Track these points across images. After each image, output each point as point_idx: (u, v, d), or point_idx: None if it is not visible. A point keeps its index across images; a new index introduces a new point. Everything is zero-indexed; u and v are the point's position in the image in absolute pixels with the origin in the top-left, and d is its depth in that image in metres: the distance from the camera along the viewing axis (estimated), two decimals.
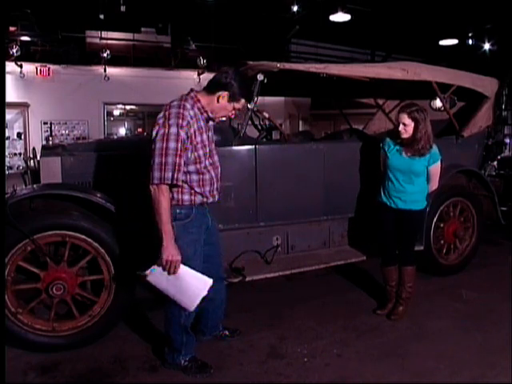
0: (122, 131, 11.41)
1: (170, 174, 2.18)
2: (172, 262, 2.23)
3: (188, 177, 2.34)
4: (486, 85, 4.43)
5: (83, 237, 2.77)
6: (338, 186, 3.72)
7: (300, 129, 12.25)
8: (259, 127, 4.05)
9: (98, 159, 3.29)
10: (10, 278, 2.69)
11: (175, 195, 2.33)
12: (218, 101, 2.34)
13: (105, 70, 9.86)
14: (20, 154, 9.16)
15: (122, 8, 9.92)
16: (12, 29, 9.41)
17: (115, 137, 10.17)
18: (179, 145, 2.19)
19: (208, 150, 2.40)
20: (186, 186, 2.34)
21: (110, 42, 10.50)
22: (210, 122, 2.48)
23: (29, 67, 9.38)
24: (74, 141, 9.06)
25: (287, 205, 3.56)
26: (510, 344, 2.89)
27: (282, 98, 10.09)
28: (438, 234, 4.09)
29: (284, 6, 10.66)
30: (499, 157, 5.68)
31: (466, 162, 4.30)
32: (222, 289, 2.79)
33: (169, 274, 2.26)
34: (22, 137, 9.45)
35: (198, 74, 10.42)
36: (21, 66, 9.18)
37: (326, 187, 3.67)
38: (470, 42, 11.96)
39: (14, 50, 8.70)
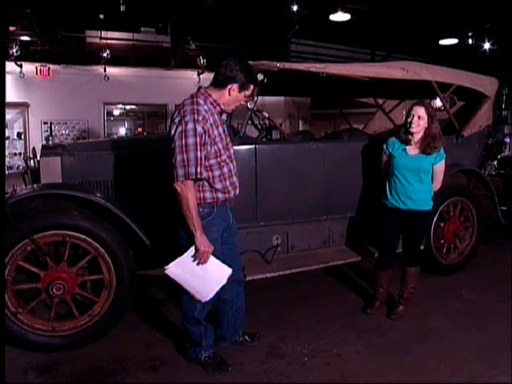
0: (122, 131, 11.39)
1: (193, 169, 2.23)
2: (206, 253, 2.34)
3: (210, 173, 2.37)
4: (486, 84, 4.43)
5: (83, 237, 2.77)
6: (337, 185, 3.72)
7: (300, 128, 12.24)
8: (259, 127, 4.05)
9: (97, 159, 3.29)
10: (10, 277, 2.69)
11: (197, 194, 2.36)
12: (229, 94, 2.39)
13: (105, 70, 9.84)
14: (20, 153, 9.13)
15: (122, 8, 9.89)
16: (12, 28, 9.37)
17: (115, 137, 10.16)
18: (198, 139, 2.23)
19: (225, 143, 2.45)
20: (206, 183, 2.39)
21: (109, 41, 10.46)
22: (223, 116, 2.52)
23: (29, 67, 9.35)
24: (73, 140, 9.07)
25: (287, 204, 3.55)
26: (511, 343, 2.89)
27: (281, 98, 10.07)
28: (438, 234, 4.09)
29: (284, 5, 10.64)
30: (499, 156, 5.68)
31: (466, 161, 4.30)
32: (241, 292, 2.77)
33: (199, 264, 2.36)
34: (22, 137, 9.42)
35: (198, 74, 10.40)
36: (21, 66, 9.16)
37: (326, 187, 3.67)
38: (470, 41, 11.93)
39: (14, 50, 8.67)
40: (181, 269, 2.40)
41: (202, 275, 2.41)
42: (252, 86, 2.45)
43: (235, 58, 2.43)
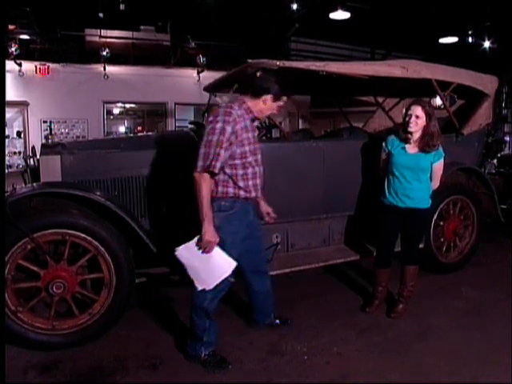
0: (122, 129, 11.40)
1: (210, 163, 2.43)
2: (211, 243, 2.46)
3: (234, 171, 2.55)
4: (486, 83, 4.43)
5: (83, 235, 2.77)
6: (337, 184, 3.71)
7: (299, 127, 12.23)
8: (259, 125, 4.05)
9: (97, 157, 3.28)
10: (10, 276, 2.69)
11: (220, 188, 2.56)
12: (263, 103, 2.61)
13: (104, 69, 9.83)
14: (20, 152, 9.14)
15: (122, 6, 9.90)
16: (11, 27, 9.35)
17: (115, 136, 10.15)
18: (221, 137, 2.44)
19: (253, 148, 2.62)
20: (230, 180, 2.56)
21: (109, 40, 10.45)
22: (256, 122, 2.73)
23: (28, 66, 9.34)
24: (73, 139, 9.07)
25: (287, 203, 3.55)
26: (510, 342, 2.89)
27: None
28: (438, 232, 4.09)
29: (284, 4, 10.64)
30: (499, 155, 5.68)
31: (466, 159, 4.30)
32: (267, 281, 3.00)
33: (203, 252, 2.48)
34: (22, 135, 9.42)
35: (198, 73, 10.38)
36: (20, 65, 9.15)
37: (326, 185, 3.67)
38: (470, 39, 11.93)
39: (13, 49, 8.68)
40: (189, 253, 2.51)
41: (206, 263, 2.51)
42: (284, 98, 2.65)
43: (272, 71, 2.76)
